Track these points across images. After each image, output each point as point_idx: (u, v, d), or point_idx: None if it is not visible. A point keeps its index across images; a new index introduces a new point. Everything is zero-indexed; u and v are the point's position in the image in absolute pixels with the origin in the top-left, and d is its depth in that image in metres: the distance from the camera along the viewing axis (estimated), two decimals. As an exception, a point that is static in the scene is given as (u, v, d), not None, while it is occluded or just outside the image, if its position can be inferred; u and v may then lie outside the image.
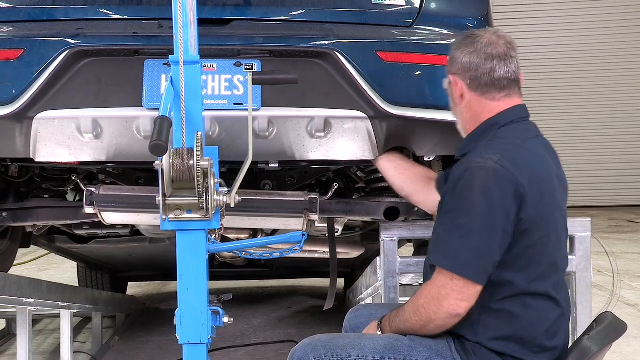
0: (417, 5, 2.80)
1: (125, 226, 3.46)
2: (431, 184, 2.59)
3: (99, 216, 2.96)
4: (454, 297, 1.98)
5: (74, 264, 5.53)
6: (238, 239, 3.31)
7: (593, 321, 2.14)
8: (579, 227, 2.78)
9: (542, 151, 2.10)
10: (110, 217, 3.00)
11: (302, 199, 2.96)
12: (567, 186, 2.19)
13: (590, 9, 11.18)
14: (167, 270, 5.22)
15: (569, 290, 2.44)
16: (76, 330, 4.84)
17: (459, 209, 2.00)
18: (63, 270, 7.01)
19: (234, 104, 2.59)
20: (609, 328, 2.06)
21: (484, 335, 2.04)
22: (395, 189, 2.77)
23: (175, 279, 2.24)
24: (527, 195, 1.98)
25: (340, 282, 5.81)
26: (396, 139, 2.75)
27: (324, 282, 6.09)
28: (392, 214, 3.09)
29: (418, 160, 3.09)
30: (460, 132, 2.28)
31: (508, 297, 2.03)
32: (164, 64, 2.56)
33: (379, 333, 2.21)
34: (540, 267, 2.03)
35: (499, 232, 1.96)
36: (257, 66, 2.60)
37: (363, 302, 3.38)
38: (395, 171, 2.73)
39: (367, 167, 3.21)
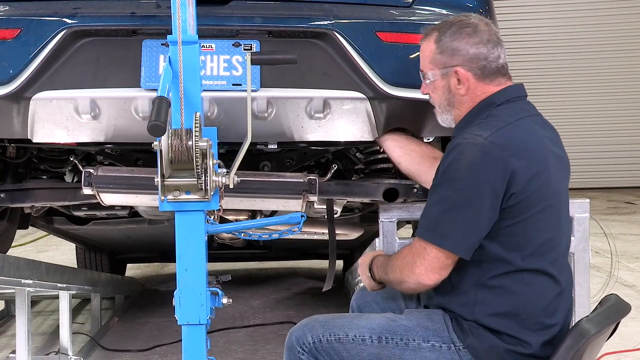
0: (416, -16, 2.78)
1: (123, 207, 3.45)
2: (437, 164, 2.58)
3: (98, 197, 2.95)
4: (424, 267, 2.02)
5: (73, 246, 5.54)
6: (237, 220, 3.31)
7: (598, 303, 2.14)
8: (577, 208, 2.77)
9: (536, 128, 2.10)
10: (109, 199, 2.99)
11: (301, 180, 2.95)
12: (567, 164, 2.19)
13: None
14: (165, 251, 5.23)
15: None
16: (75, 312, 4.86)
17: (446, 183, 2.02)
18: (62, 252, 7.03)
19: (233, 84, 2.58)
20: (610, 310, 2.06)
21: (480, 312, 2.05)
22: (401, 169, 2.76)
23: (174, 261, 2.23)
24: (517, 172, 1.98)
25: (339, 263, 5.82)
26: (395, 119, 2.74)
27: (323, 263, 6.11)
28: (391, 195, 3.08)
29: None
30: (444, 120, 2.28)
31: (503, 273, 2.03)
32: (162, 44, 2.55)
33: (368, 274, 2.29)
34: (534, 243, 2.03)
35: (486, 207, 1.97)
36: (255, 46, 2.59)
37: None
38: (401, 151, 2.70)
39: (366, 148, 3.20)
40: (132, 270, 6.62)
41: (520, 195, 1.99)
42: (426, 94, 2.31)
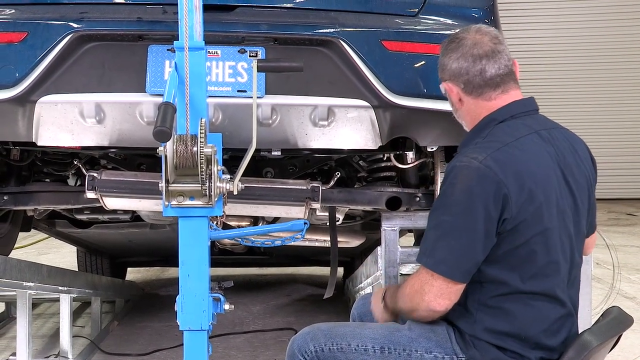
0: (422, -6, 2.79)
1: (126, 212, 3.46)
2: None
3: (101, 201, 2.96)
4: (433, 293, 1.99)
5: (74, 249, 5.53)
6: (239, 227, 3.31)
7: (600, 315, 2.13)
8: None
9: (538, 147, 2.05)
10: (112, 203, 3.00)
11: (304, 188, 2.95)
12: (584, 180, 2.13)
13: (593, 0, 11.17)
14: (167, 256, 5.23)
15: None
16: (75, 315, 4.85)
17: (442, 208, 2.01)
18: (62, 255, 7.02)
19: (238, 91, 2.58)
20: (613, 322, 2.05)
21: (480, 330, 2.03)
22: None
23: (175, 265, 2.23)
24: (511, 195, 1.95)
25: (340, 270, 5.82)
26: (399, 128, 2.75)
27: (323, 270, 6.10)
28: (393, 204, 3.09)
29: (420, 150, 3.09)
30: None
31: (503, 294, 2.01)
32: (168, 49, 2.55)
33: (382, 305, 2.24)
34: (535, 266, 2.00)
35: (480, 232, 1.95)
36: (261, 53, 2.59)
37: (370, 292, 3.37)
38: None
39: (369, 157, 3.20)
40: (133, 274, 6.62)
41: (515, 220, 1.96)
42: None
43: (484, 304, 2.03)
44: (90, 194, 2.91)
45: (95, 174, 2.89)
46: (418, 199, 3.12)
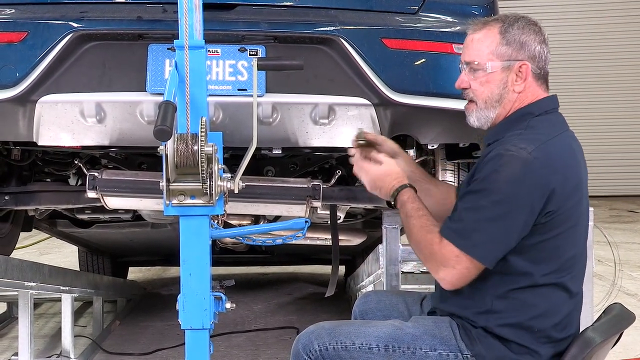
0: (422, -9, 2.79)
1: (127, 211, 3.46)
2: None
3: (102, 201, 2.96)
4: (452, 274, 1.99)
5: (75, 248, 5.54)
6: (240, 225, 3.31)
7: (602, 312, 2.14)
8: (582, 216, 2.77)
9: (573, 144, 2.07)
10: (113, 202, 2.99)
11: (305, 186, 2.95)
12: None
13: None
14: (168, 255, 5.23)
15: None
16: (77, 314, 4.85)
17: (483, 191, 1.97)
18: (64, 255, 7.02)
19: (238, 89, 2.58)
20: (615, 319, 2.05)
21: (493, 321, 2.03)
22: None
23: (177, 264, 2.23)
24: (556, 189, 1.95)
25: (341, 269, 5.82)
26: (400, 126, 2.74)
27: (324, 268, 6.10)
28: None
29: (421, 148, 3.08)
30: (481, 119, 2.14)
31: (524, 287, 2.01)
32: (168, 48, 2.55)
33: (389, 193, 2.16)
34: (561, 259, 2.01)
35: (519, 223, 1.95)
36: (261, 52, 2.59)
37: (372, 290, 3.37)
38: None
39: (370, 155, 3.20)
40: (134, 273, 6.62)
41: (556, 212, 1.97)
42: (464, 88, 2.15)
43: (502, 296, 2.03)
44: (91, 194, 2.91)
45: (96, 174, 2.89)
46: (419, 196, 3.11)
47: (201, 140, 2.04)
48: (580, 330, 2.08)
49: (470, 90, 2.14)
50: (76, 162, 3.10)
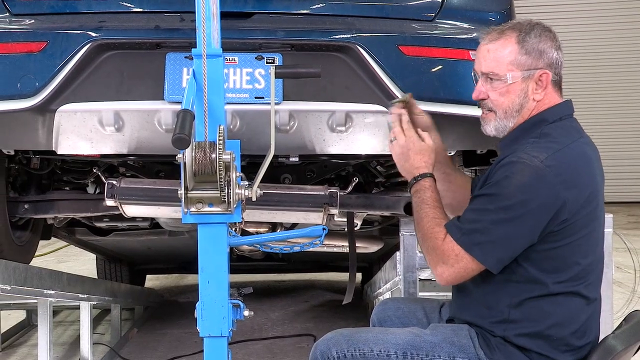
0: (439, -1, 2.79)
1: (144, 219, 3.47)
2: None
3: (120, 209, 2.97)
4: (450, 271, 2.02)
5: (93, 256, 5.57)
6: (257, 233, 3.31)
7: (623, 320, 2.12)
8: (601, 223, 2.75)
9: (589, 151, 2.06)
10: (131, 210, 3.01)
11: (322, 193, 2.95)
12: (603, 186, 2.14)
13: (595, 4, 11.11)
14: (185, 262, 5.25)
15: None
16: (95, 322, 4.87)
17: (492, 195, 1.98)
18: (82, 262, 7.06)
19: (255, 97, 2.59)
20: (636, 327, 2.03)
21: (512, 331, 2.03)
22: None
23: (194, 272, 2.24)
24: (568, 200, 1.94)
25: (358, 276, 5.81)
26: (417, 133, 2.73)
27: (341, 276, 6.09)
28: (412, 209, 3.07)
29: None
30: (499, 128, 2.12)
31: (539, 296, 2.01)
32: (185, 57, 2.57)
33: (413, 181, 2.17)
34: (574, 268, 2.00)
35: (525, 230, 1.95)
36: (278, 60, 2.60)
37: (389, 297, 3.36)
38: (449, 186, 2.35)
39: (387, 162, 3.19)
40: (151, 281, 6.65)
41: (569, 221, 1.96)
42: (482, 98, 2.13)
43: (517, 304, 2.02)
44: (109, 202, 2.93)
45: (114, 182, 2.91)
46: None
47: (219, 148, 2.05)
48: (601, 338, 2.06)
49: (489, 101, 2.12)
50: (94, 171, 3.11)
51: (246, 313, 2.28)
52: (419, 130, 2.24)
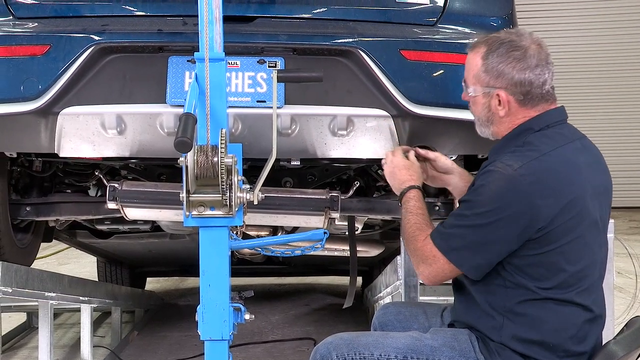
0: (440, 3, 2.79)
1: (146, 222, 3.48)
2: None
3: (122, 212, 2.98)
4: (428, 271, 2.09)
5: (94, 259, 5.57)
6: (258, 236, 3.32)
7: (624, 325, 2.12)
8: (602, 228, 2.75)
9: (573, 157, 2.05)
10: (133, 213, 3.02)
11: (323, 197, 2.96)
12: (609, 190, 2.14)
13: (602, 8, 11.10)
14: (186, 265, 5.25)
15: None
16: (95, 325, 4.88)
17: (469, 202, 2.05)
18: (82, 265, 7.07)
19: (257, 101, 2.60)
20: (638, 332, 2.03)
21: (508, 336, 2.03)
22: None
23: (194, 275, 2.25)
24: (542, 208, 1.95)
25: (358, 280, 5.81)
26: (418, 137, 2.74)
27: (341, 279, 6.10)
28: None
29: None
30: (483, 132, 2.21)
31: (529, 300, 2.01)
32: (188, 60, 2.57)
33: (400, 188, 2.29)
34: (560, 276, 2.00)
35: (499, 236, 1.98)
36: (280, 64, 2.61)
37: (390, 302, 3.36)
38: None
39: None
40: (152, 284, 6.65)
41: (546, 229, 1.97)
42: (466, 100, 2.23)
43: (510, 310, 2.03)
44: (111, 205, 2.93)
45: (116, 185, 2.92)
46: (437, 208, 3.11)
47: (221, 152, 2.06)
48: (603, 344, 2.06)
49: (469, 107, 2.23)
50: (96, 174, 3.12)
51: (247, 316, 2.28)
52: (410, 155, 2.39)
